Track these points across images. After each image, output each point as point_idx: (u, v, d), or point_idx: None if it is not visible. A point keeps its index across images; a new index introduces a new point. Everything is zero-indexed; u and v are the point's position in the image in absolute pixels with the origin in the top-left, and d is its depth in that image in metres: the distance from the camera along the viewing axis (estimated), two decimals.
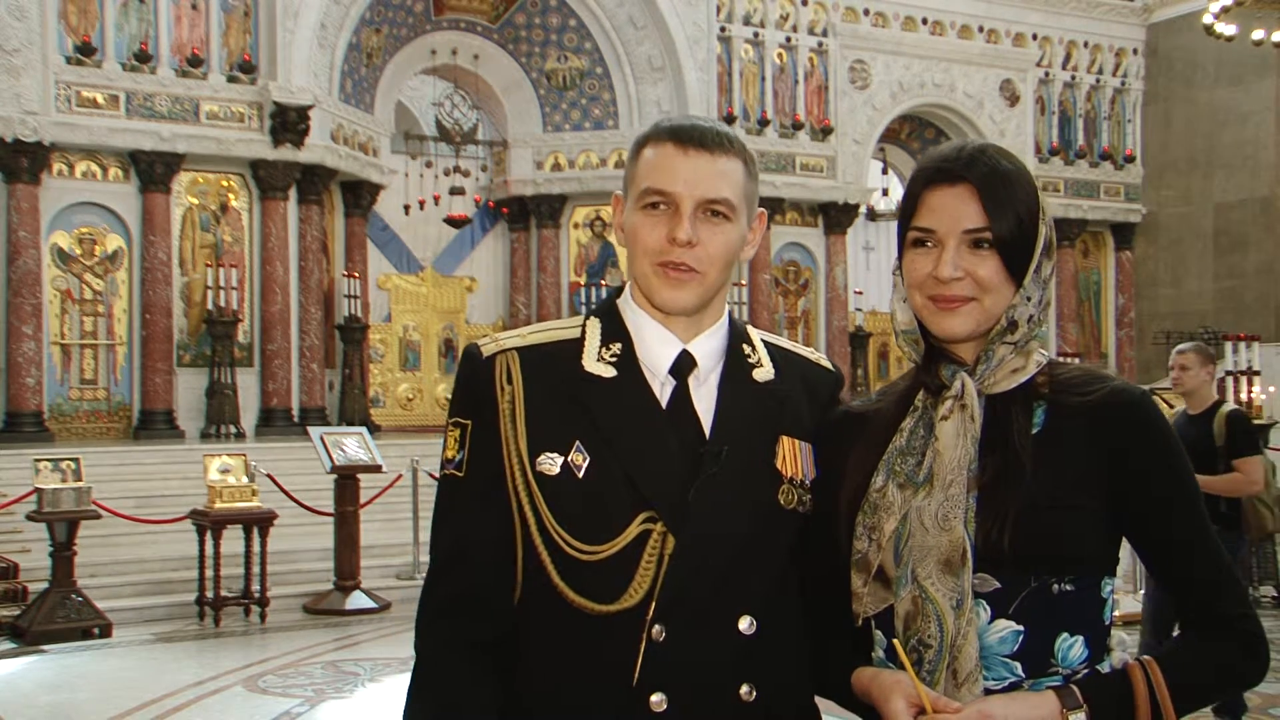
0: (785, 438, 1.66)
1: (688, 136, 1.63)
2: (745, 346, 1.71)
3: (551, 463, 1.60)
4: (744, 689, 1.59)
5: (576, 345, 1.67)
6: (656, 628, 1.55)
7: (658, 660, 1.56)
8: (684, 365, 1.65)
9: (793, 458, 1.66)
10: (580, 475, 1.59)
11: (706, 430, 1.63)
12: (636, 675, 1.55)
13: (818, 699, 1.71)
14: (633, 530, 1.58)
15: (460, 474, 1.66)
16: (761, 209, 1.73)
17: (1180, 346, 5.77)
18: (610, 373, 1.64)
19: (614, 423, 1.61)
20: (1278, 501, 6.84)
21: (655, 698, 1.55)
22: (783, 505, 1.63)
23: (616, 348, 1.66)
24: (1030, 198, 1.57)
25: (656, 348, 1.66)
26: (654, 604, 1.56)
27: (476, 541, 1.64)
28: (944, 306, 1.57)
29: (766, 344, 1.75)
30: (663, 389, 1.65)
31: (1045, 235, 1.58)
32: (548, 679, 1.61)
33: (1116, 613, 1.62)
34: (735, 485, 1.60)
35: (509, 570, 1.64)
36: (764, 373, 1.70)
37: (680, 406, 1.64)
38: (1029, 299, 1.57)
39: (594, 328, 1.69)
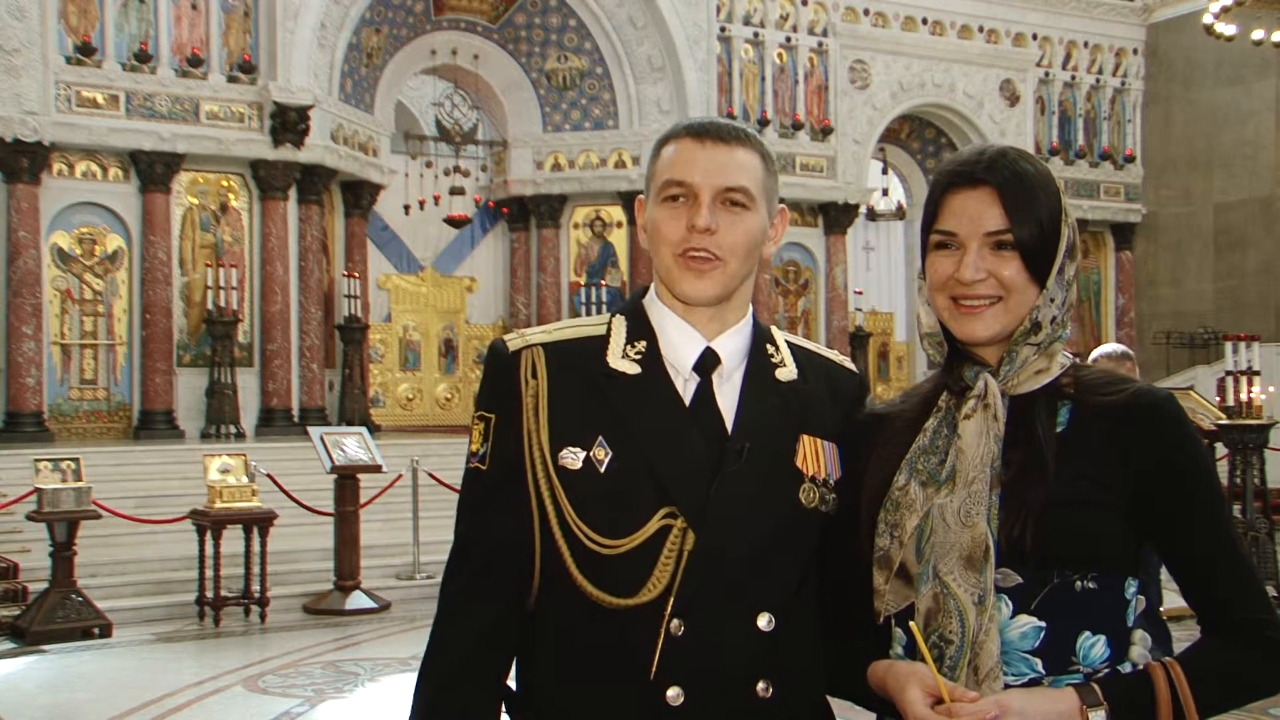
0: (806, 436, 1.67)
1: (704, 131, 1.67)
2: (769, 346, 1.73)
3: (574, 457, 1.62)
4: (761, 685, 1.59)
5: (602, 342, 1.69)
6: (675, 622, 1.56)
7: (675, 654, 1.56)
8: (708, 362, 1.67)
9: (814, 456, 1.67)
10: (602, 470, 1.61)
11: (729, 428, 1.64)
12: (654, 669, 1.56)
13: (833, 701, 1.71)
14: (653, 525, 1.59)
15: (484, 467, 1.68)
16: (783, 206, 1.75)
17: (1104, 350, 5.99)
18: (634, 369, 1.66)
19: (637, 418, 1.63)
20: None
21: (672, 691, 1.56)
22: (804, 504, 1.64)
23: (641, 345, 1.68)
24: (1052, 200, 1.59)
25: (681, 345, 1.68)
26: (672, 598, 1.56)
27: (496, 534, 1.66)
28: (967, 310, 1.59)
29: (790, 345, 1.77)
30: (686, 386, 1.67)
31: (1068, 237, 1.60)
32: (564, 671, 1.63)
33: (1162, 608, 1.62)
34: (756, 483, 1.61)
35: (527, 563, 1.65)
36: (787, 372, 1.72)
37: (704, 404, 1.65)
38: (1052, 300, 1.58)
39: (619, 325, 1.71)
